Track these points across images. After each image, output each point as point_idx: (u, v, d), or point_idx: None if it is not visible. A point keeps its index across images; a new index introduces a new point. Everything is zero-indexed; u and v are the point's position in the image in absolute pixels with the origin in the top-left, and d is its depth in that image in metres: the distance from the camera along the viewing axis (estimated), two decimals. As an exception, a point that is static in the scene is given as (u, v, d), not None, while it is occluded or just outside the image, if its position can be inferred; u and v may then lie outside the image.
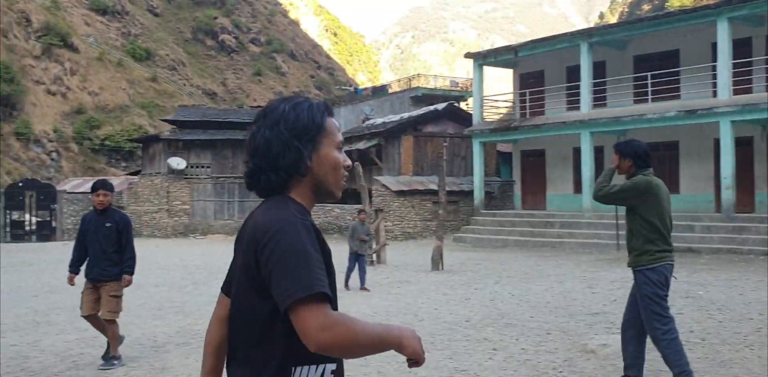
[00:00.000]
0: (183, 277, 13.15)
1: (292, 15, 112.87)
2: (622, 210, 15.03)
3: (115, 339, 5.86)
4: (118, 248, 5.90)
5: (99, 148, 51.08)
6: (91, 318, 5.91)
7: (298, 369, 1.52)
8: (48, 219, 28.62)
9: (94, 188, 5.84)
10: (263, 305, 1.51)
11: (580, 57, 20.03)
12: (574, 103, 20.97)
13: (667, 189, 4.73)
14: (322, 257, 1.48)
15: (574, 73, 21.49)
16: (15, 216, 28.24)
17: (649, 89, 18.69)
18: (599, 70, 20.73)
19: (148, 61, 70.44)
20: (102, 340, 6.89)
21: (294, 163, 1.55)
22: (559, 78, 22.51)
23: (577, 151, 20.96)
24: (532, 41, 22.47)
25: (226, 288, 1.76)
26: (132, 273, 5.98)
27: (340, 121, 37.35)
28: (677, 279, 5.22)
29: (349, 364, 5.63)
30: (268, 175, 1.56)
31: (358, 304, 9.16)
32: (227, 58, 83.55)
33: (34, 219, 28.51)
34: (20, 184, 29.31)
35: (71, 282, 6.11)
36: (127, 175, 34.87)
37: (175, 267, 15.27)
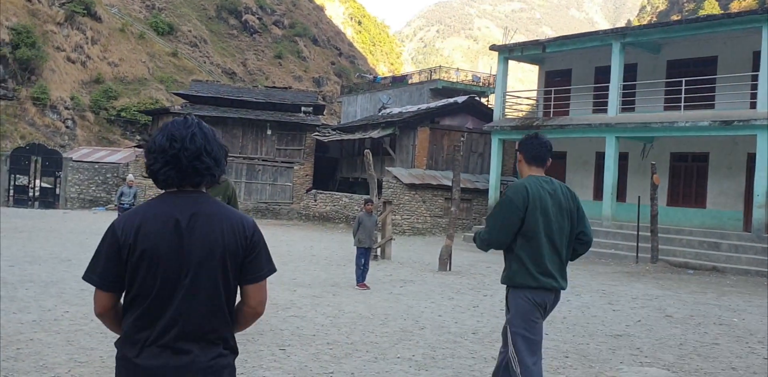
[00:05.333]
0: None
1: (318, 0, 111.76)
2: (644, 221, 14.04)
3: None
4: None
5: (115, 119, 50.75)
6: None
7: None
8: (52, 186, 28.08)
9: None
10: (230, 283, 2.05)
11: (612, 57, 19.04)
12: (600, 105, 20.01)
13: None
14: None
15: (602, 74, 20.50)
16: (21, 180, 27.74)
17: (683, 96, 17.68)
18: (630, 72, 19.72)
19: (170, 35, 69.89)
20: (59, 326, 6.13)
21: (223, 170, 2.14)
22: (587, 78, 21.53)
23: (599, 156, 20.01)
24: (563, 37, 21.44)
25: (110, 286, 2.03)
26: None
27: (357, 109, 36.54)
28: None
29: (322, 362, 4.84)
30: (215, 173, 2.10)
31: (355, 303, 8.37)
32: (249, 38, 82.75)
33: (40, 185, 28.02)
34: (27, 148, 28.74)
35: None
36: (135, 146, 34.23)
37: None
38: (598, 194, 19.83)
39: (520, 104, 24.68)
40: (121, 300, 2.07)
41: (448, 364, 5.45)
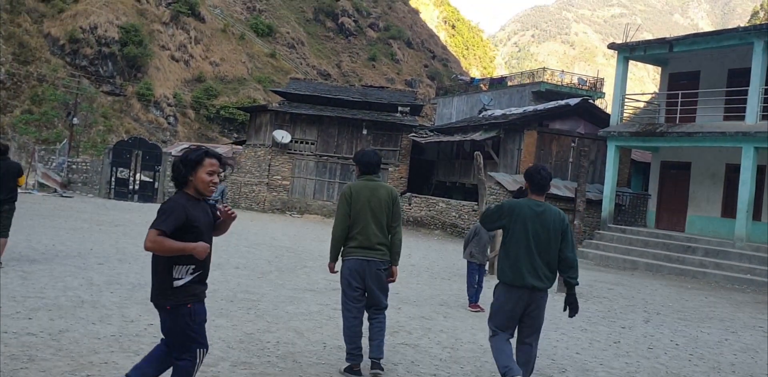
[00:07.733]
0: (269, 261, 11.63)
1: (413, 3, 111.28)
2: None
3: None
4: None
5: (214, 117, 51.88)
6: None
7: (176, 267, 3.48)
8: (152, 180, 28.43)
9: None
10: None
11: (753, 57, 16.90)
12: (733, 111, 17.88)
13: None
14: (182, 215, 3.42)
15: (737, 77, 18.35)
16: (123, 173, 28.22)
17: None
18: (770, 76, 17.52)
19: (269, 37, 71.15)
20: (138, 346, 5.26)
21: (181, 177, 3.53)
22: (718, 82, 19.32)
23: (730, 168, 17.91)
24: (693, 35, 19.38)
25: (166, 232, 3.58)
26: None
27: (452, 111, 35.29)
28: None
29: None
30: (172, 180, 3.61)
31: (472, 330, 7.17)
32: (345, 40, 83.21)
33: (140, 178, 28.45)
34: (129, 141, 29.25)
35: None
36: (232, 143, 34.43)
37: (264, 246, 13.83)
38: (728, 211, 17.70)
39: (638, 108, 22.67)
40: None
41: (618, 433, 4.16)
